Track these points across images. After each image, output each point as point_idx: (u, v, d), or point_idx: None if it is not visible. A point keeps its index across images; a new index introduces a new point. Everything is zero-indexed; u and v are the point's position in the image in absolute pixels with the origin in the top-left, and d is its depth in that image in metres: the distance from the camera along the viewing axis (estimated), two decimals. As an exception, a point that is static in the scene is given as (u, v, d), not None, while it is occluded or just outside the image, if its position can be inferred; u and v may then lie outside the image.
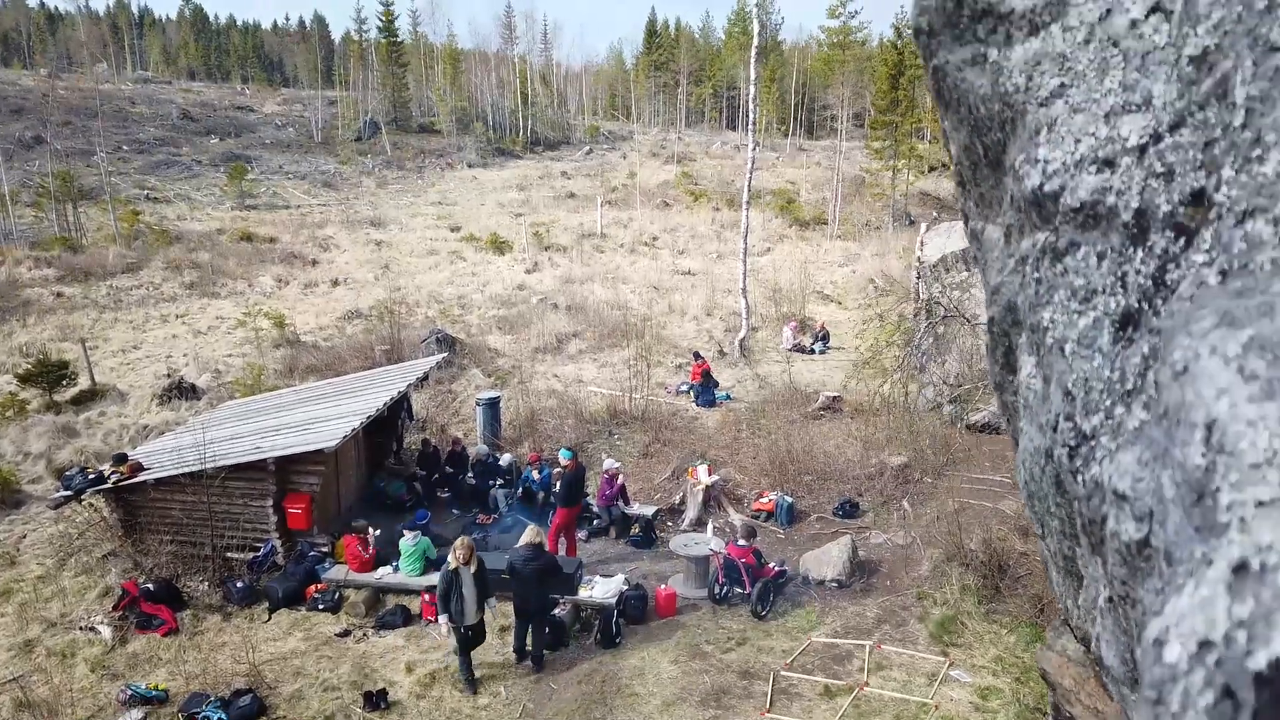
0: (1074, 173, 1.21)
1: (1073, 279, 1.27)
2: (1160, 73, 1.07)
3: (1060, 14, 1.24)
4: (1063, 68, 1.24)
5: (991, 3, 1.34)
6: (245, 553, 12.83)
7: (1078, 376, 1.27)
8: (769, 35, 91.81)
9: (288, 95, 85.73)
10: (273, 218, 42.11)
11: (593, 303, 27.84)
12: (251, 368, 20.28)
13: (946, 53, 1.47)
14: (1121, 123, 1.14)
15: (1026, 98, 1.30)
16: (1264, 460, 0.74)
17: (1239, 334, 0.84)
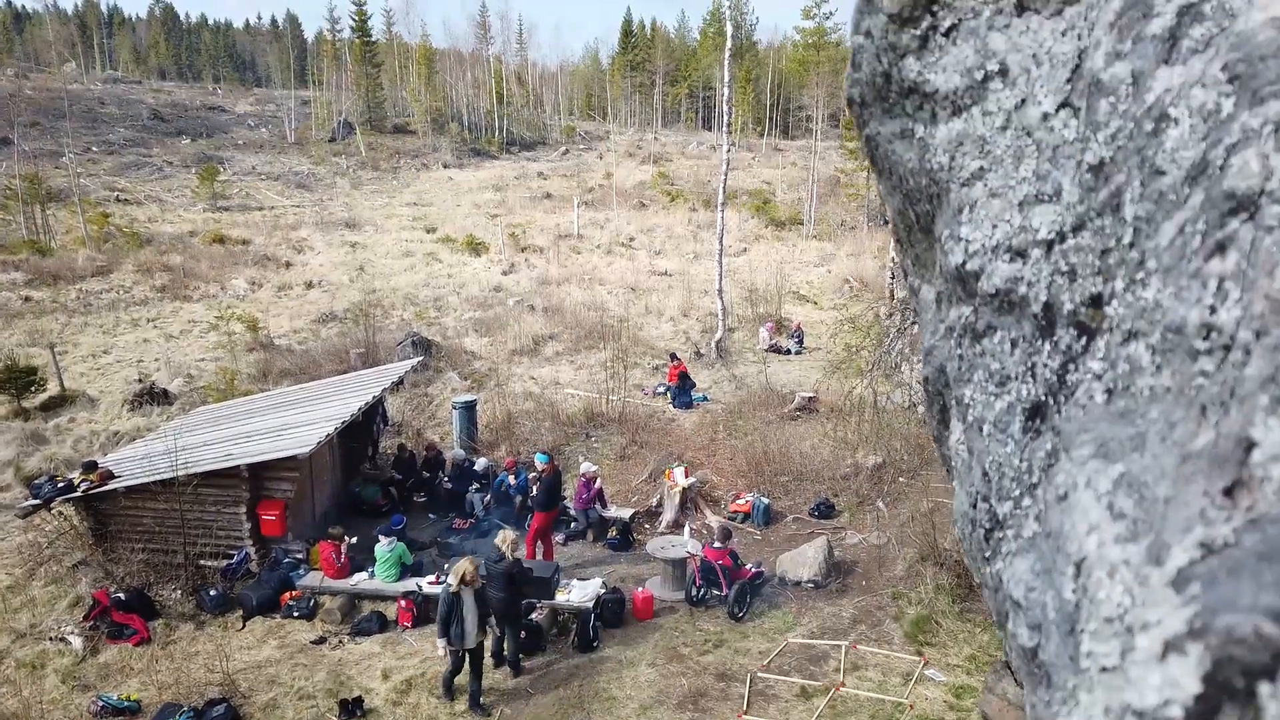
0: (991, 257, 1.23)
1: (989, 361, 1.30)
2: (1069, 167, 1.09)
3: (980, 98, 1.27)
4: (982, 151, 1.26)
5: (917, 82, 1.36)
6: (218, 560, 12.72)
7: (993, 459, 1.30)
8: (744, 36, 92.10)
9: (260, 95, 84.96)
10: (246, 219, 41.73)
11: (569, 304, 27.82)
12: (224, 372, 20.09)
13: (877, 124, 1.50)
14: (1033, 213, 1.16)
15: (950, 176, 1.33)
16: (1116, 616, 0.75)
17: (1111, 469, 0.85)
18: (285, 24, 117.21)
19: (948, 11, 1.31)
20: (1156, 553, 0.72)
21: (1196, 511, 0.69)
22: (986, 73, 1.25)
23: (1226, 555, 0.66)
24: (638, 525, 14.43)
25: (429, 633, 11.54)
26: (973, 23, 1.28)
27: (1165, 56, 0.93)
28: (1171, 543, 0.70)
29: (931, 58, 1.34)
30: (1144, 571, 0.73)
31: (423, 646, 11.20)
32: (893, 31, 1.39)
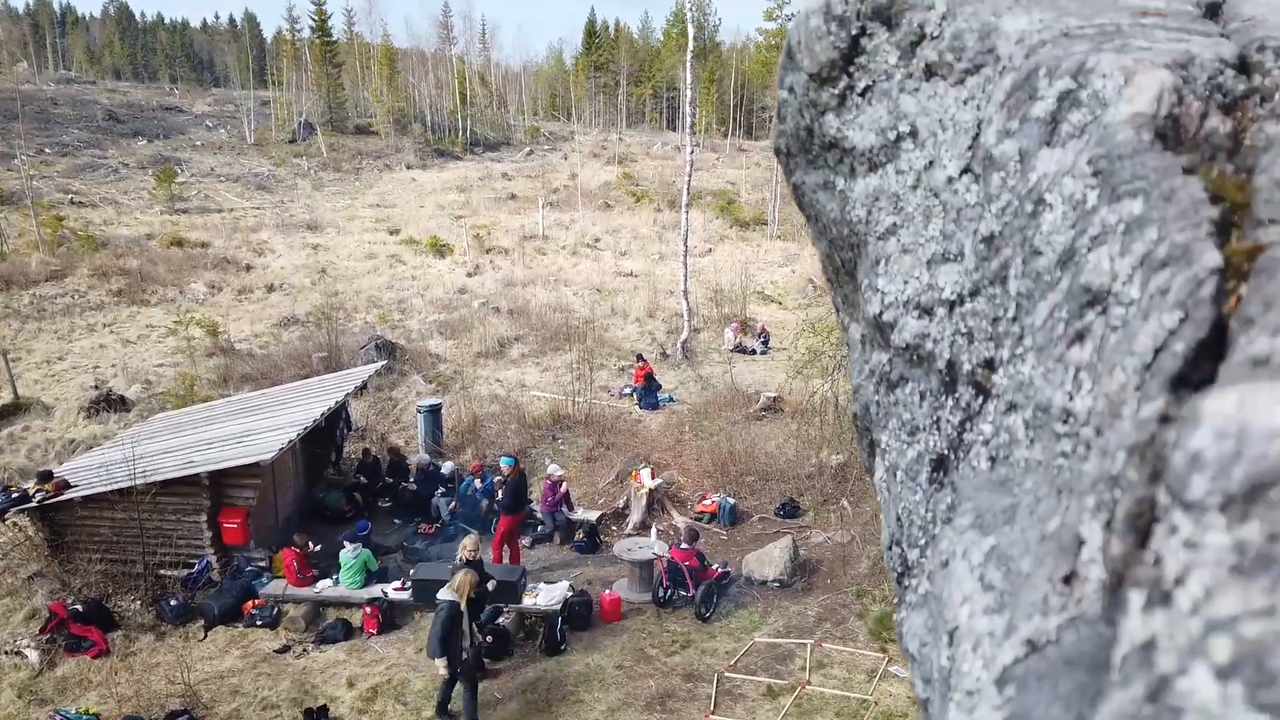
0: (903, 311, 1.28)
1: (902, 410, 1.34)
2: (971, 229, 1.14)
3: (894, 157, 1.31)
4: (896, 207, 1.31)
5: (836, 138, 1.41)
6: (179, 569, 12.55)
7: (905, 505, 1.34)
8: (707, 37, 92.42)
9: (219, 95, 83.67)
10: (204, 221, 41.08)
11: (535, 306, 27.75)
12: (183, 378, 19.78)
13: (802, 174, 1.55)
14: (940, 272, 1.20)
15: (867, 229, 1.37)
16: (974, 690, 0.78)
17: (984, 541, 0.89)
18: (243, 23, 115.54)
19: (863, 73, 1.36)
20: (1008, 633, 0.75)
21: (1041, 596, 0.71)
22: (899, 133, 1.29)
23: (1045, 655, 0.67)
24: (605, 527, 14.45)
25: (395, 639, 11.51)
26: (885, 85, 1.32)
27: (1047, 139, 0.97)
28: (1019, 625, 0.73)
29: (849, 115, 1.38)
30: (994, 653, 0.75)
31: (388, 653, 11.14)
32: (813, 89, 1.45)
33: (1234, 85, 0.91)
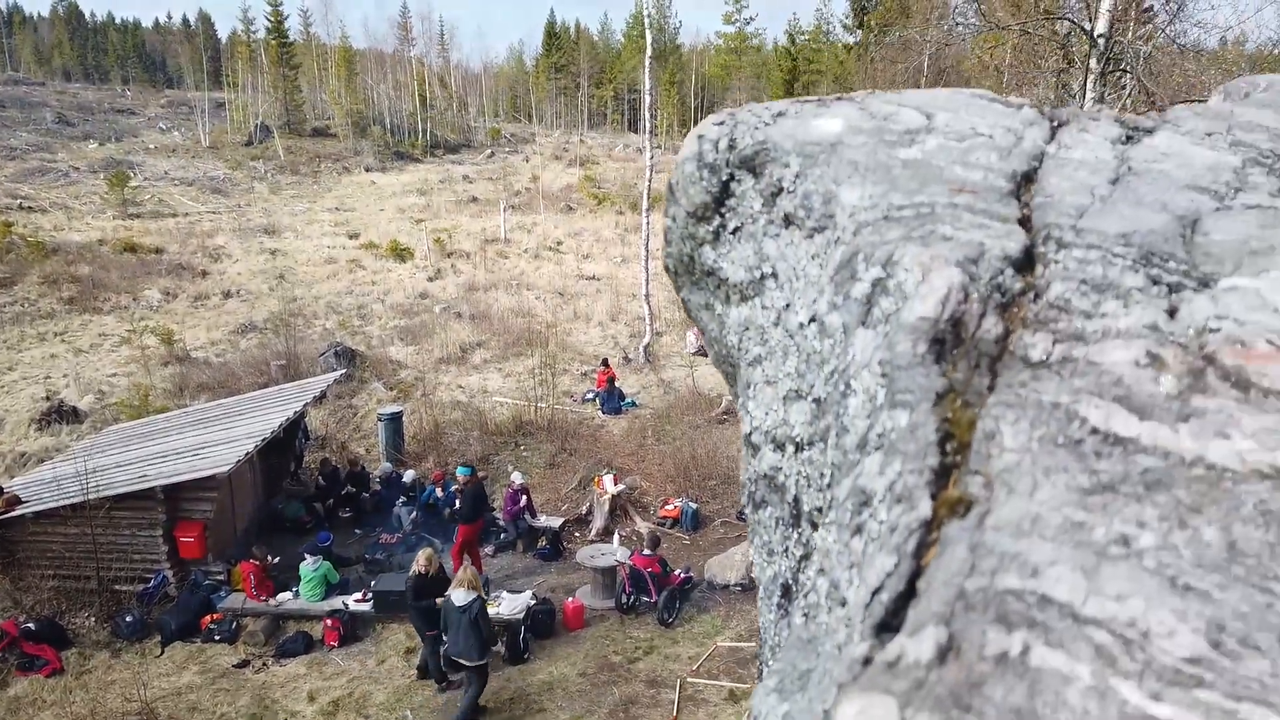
0: (764, 439, 1.35)
1: (762, 531, 1.41)
2: (821, 375, 1.21)
3: (760, 292, 1.40)
4: (762, 339, 1.39)
5: (713, 268, 1.51)
6: (135, 584, 12.36)
7: (764, 621, 1.41)
8: (668, 39, 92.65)
9: (172, 97, 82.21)
10: (158, 226, 40.33)
11: (497, 310, 27.64)
12: (137, 388, 19.44)
13: (688, 293, 1.65)
14: (792, 410, 1.28)
15: (740, 355, 1.46)
16: None
17: (780, 708, 0.95)
18: (197, 23, 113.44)
19: (733, 214, 1.46)
20: None
21: None
22: (763, 273, 1.39)
23: None
24: (567, 534, 14.47)
25: (356, 651, 11.43)
26: (752, 227, 1.41)
27: (863, 319, 1.05)
28: None
29: (723, 250, 1.48)
30: None
31: (349, 666, 11.07)
32: (691, 224, 1.56)
33: (1012, 284, 1.00)
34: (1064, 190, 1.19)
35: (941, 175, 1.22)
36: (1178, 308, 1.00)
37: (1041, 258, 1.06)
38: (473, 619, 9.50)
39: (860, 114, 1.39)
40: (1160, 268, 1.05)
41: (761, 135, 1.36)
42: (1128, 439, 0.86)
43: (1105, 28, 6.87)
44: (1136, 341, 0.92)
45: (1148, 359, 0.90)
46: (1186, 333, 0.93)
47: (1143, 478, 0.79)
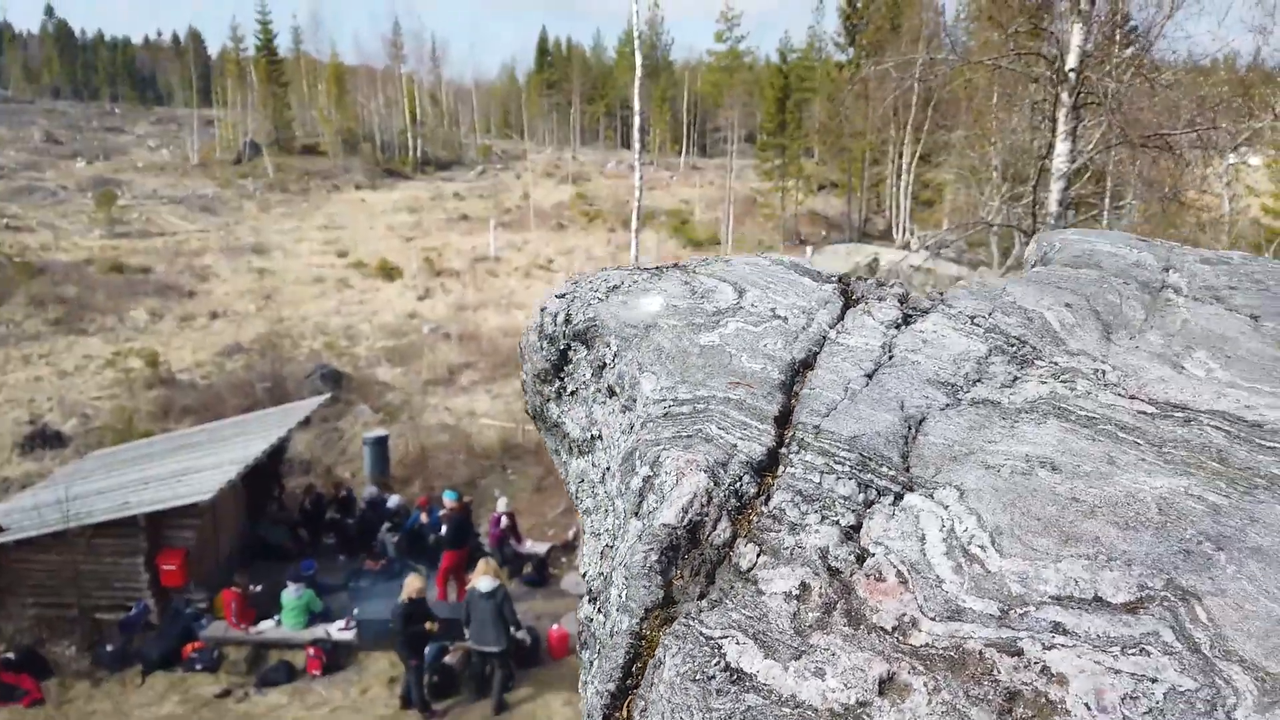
0: (586, 589, 1.43)
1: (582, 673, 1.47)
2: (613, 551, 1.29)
3: (591, 451, 1.50)
4: (592, 493, 1.48)
5: (558, 422, 1.62)
6: (116, 613, 12.25)
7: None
8: (660, 56, 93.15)
9: (162, 114, 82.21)
10: (146, 246, 40.23)
11: (486, 330, 27.63)
12: (122, 411, 19.34)
13: (543, 435, 1.81)
14: (601, 562, 1.34)
15: (578, 502, 1.56)
16: None
17: None
18: (187, 40, 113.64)
19: (570, 379, 1.59)
20: None
21: None
22: (593, 434, 1.52)
23: None
24: (554, 559, 14.40)
25: (339, 680, 11.35)
26: (585, 393, 1.54)
27: (636, 510, 1.15)
28: None
29: (565, 408, 1.61)
30: None
31: (332, 695, 10.97)
32: (539, 383, 1.76)
33: (749, 489, 1.11)
34: (826, 384, 1.33)
35: (729, 365, 1.36)
36: (862, 524, 1.13)
37: (784, 458, 1.21)
38: (498, 605, 10.07)
39: (683, 290, 1.57)
40: (873, 473, 1.19)
41: (592, 312, 1.54)
42: (748, 676, 0.98)
43: (1076, 62, 6.94)
44: (800, 569, 1.05)
45: (799, 590, 1.03)
46: (849, 559, 1.06)
47: (743, 716, 0.89)
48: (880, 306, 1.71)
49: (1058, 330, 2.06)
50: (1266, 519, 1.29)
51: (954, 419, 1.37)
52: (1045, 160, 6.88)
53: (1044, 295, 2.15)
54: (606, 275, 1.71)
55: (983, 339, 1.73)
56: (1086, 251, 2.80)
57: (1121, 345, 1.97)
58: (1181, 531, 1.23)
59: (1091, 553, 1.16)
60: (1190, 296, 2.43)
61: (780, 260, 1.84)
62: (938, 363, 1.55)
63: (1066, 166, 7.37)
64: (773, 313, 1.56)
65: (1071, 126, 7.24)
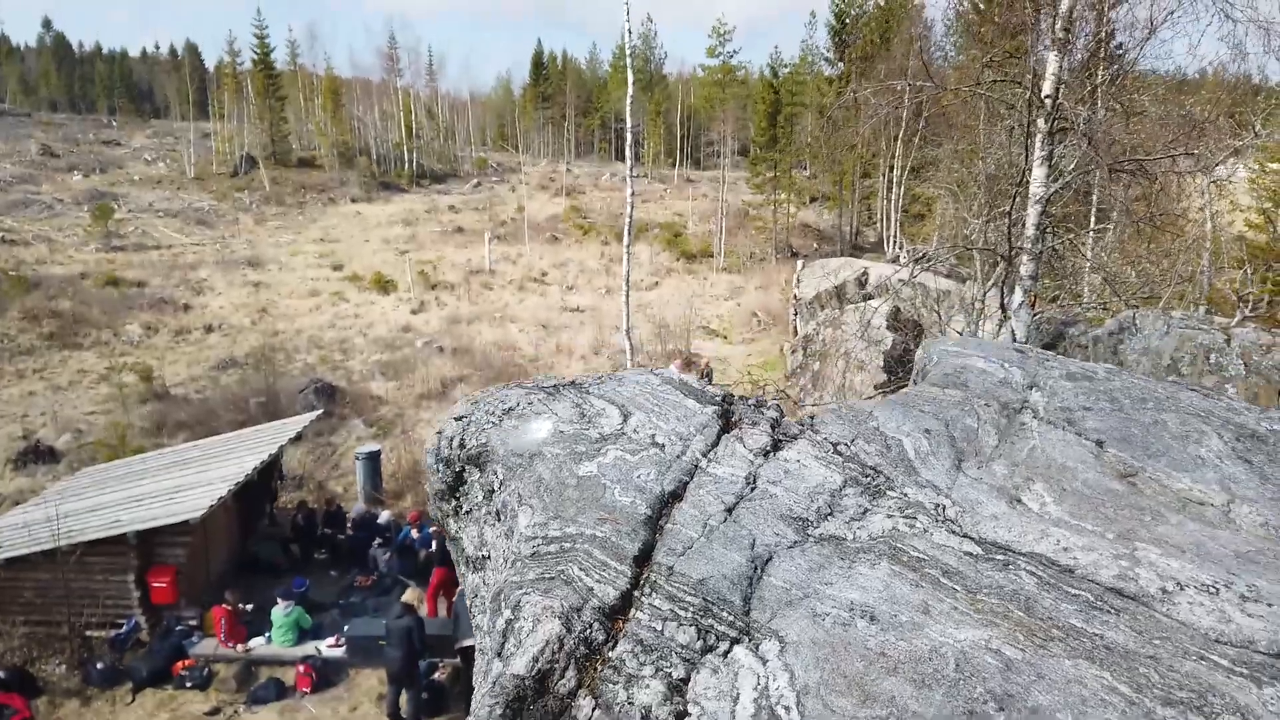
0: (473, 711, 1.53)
1: None
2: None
3: (483, 569, 1.60)
4: (480, 609, 1.59)
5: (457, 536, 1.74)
6: (106, 630, 12.26)
7: None
8: (654, 69, 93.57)
9: (158, 127, 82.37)
10: (141, 259, 40.30)
11: (480, 344, 27.71)
12: (115, 426, 19.38)
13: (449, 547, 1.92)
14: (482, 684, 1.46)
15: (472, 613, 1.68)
16: None
17: None
18: (184, 53, 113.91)
19: (465, 499, 1.71)
20: None
21: None
22: (485, 554, 1.64)
23: None
24: (544, 574, 14.45)
25: (329, 698, 11.38)
26: (478, 514, 1.65)
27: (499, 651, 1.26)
28: None
29: (462, 524, 1.72)
30: None
31: (322, 713, 11.01)
32: (439, 500, 1.92)
33: (598, 635, 1.21)
34: (688, 520, 1.43)
35: (601, 499, 1.47)
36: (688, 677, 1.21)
37: (637, 601, 1.28)
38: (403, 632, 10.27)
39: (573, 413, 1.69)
40: (714, 618, 1.29)
41: (484, 438, 1.68)
42: None
43: (1051, 89, 7.07)
44: None
45: None
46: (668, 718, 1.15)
47: None
48: (753, 433, 1.83)
49: (912, 459, 2.19)
50: (1051, 675, 1.38)
51: (798, 559, 1.48)
52: (1019, 187, 7.01)
53: (906, 420, 2.28)
54: (504, 396, 1.84)
55: (840, 469, 1.82)
56: (958, 369, 2.95)
57: (969, 475, 2.09)
58: (971, 690, 1.32)
59: (884, 714, 1.23)
60: (1045, 420, 2.55)
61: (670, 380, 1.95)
62: (794, 496, 1.67)
63: (1043, 191, 7.49)
64: (652, 439, 1.66)
65: (1048, 152, 7.37)
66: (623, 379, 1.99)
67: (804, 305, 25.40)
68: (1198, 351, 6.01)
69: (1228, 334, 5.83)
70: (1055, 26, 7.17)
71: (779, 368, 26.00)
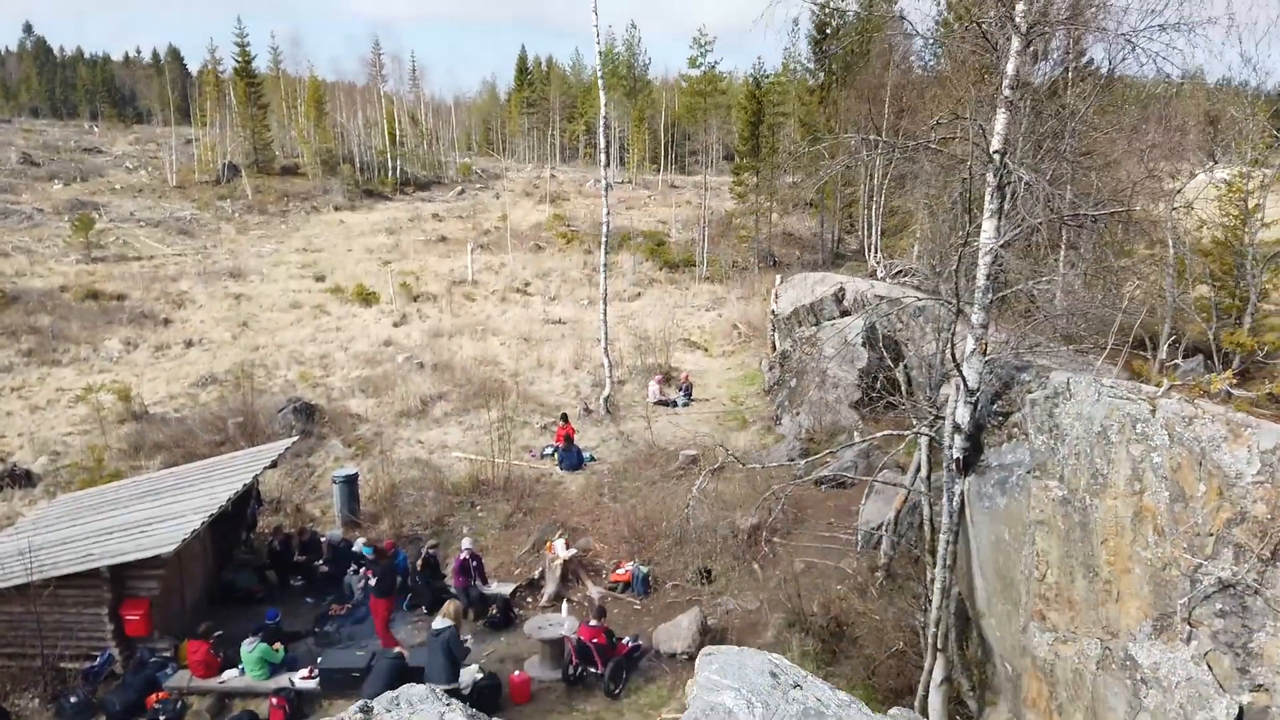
0: None
1: None
2: None
3: None
4: None
5: None
6: (80, 663, 12.29)
7: None
8: (638, 75, 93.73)
9: (141, 133, 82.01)
10: (122, 271, 40.13)
11: (460, 359, 27.76)
12: (92, 449, 19.36)
13: None
14: None
15: None
16: None
17: None
18: (166, 58, 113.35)
19: None
20: None
21: None
22: None
23: None
24: (519, 599, 14.55)
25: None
26: None
27: None
28: None
29: None
30: None
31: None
32: None
33: None
34: None
35: None
36: None
37: None
38: (444, 643, 10.60)
39: None
40: None
41: None
42: None
43: (1000, 145, 7.23)
44: None
45: None
46: None
47: None
48: None
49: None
50: None
51: None
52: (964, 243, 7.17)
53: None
54: None
55: None
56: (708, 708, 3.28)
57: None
58: None
59: None
60: None
61: None
62: None
63: (993, 243, 7.66)
64: None
65: (997, 205, 7.54)
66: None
67: (781, 321, 25.57)
68: (1125, 420, 6.19)
69: (1153, 404, 6.00)
70: (1003, 86, 7.34)
71: (758, 382, 26.17)
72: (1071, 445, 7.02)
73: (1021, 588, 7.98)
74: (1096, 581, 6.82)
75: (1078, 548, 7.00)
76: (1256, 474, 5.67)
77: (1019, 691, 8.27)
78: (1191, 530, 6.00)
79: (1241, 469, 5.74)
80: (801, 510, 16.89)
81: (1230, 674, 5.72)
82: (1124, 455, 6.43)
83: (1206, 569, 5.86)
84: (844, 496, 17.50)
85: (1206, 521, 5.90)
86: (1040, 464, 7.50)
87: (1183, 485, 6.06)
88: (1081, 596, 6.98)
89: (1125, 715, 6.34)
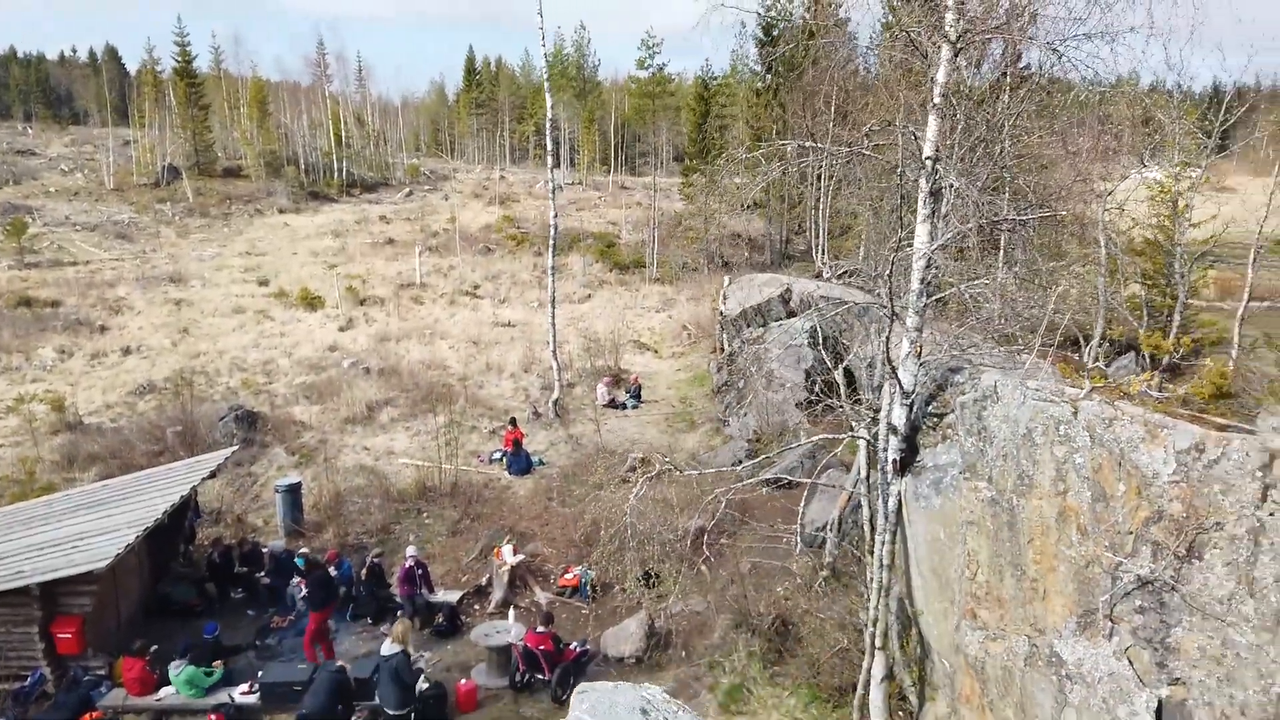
0: None
1: None
2: None
3: None
4: None
5: None
6: (10, 683, 11.93)
7: None
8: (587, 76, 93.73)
9: (77, 134, 79.76)
10: (56, 277, 39.01)
11: (408, 363, 27.47)
12: (24, 461, 18.79)
13: None
14: None
15: None
16: None
17: None
18: (104, 57, 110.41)
19: None
20: None
21: None
22: None
23: None
24: (466, 607, 14.46)
25: (242, 747, 11.23)
26: None
27: None
28: None
29: None
30: None
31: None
32: None
33: None
34: None
35: None
36: None
37: None
38: (393, 669, 10.45)
39: None
40: None
41: None
42: None
43: (932, 151, 7.38)
44: None
45: None
46: None
47: None
48: None
49: None
50: None
51: None
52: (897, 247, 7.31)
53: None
54: None
55: None
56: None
57: None
58: None
59: None
60: None
61: None
62: None
63: (926, 247, 7.81)
64: None
65: (930, 210, 7.68)
66: None
67: (729, 322, 25.74)
68: (1049, 422, 6.36)
69: (1075, 406, 6.17)
70: (934, 93, 7.49)
71: (706, 384, 26.30)
72: (999, 447, 7.20)
73: (955, 586, 8.15)
74: (1024, 580, 6.99)
75: (1006, 547, 7.17)
76: (1172, 474, 5.86)
77: (955, 688, 8.44)
78: (1112, 529, 6.18)
79: (1158, 469, 5.93)
80: (748, 511, 16.99)
81: (1150, 668, 5.90)
82: (1048, 456, 6.61)
83: (1126, 566, 6.05)
84: (790, 497, 17.64)
85: (1126, 520, 6.08)
86: (970, 465, 7.67)
87: (1104, 485, 6.23)
88: (1010, 595, 7.15)
89: (1051, 711, 6.51)
